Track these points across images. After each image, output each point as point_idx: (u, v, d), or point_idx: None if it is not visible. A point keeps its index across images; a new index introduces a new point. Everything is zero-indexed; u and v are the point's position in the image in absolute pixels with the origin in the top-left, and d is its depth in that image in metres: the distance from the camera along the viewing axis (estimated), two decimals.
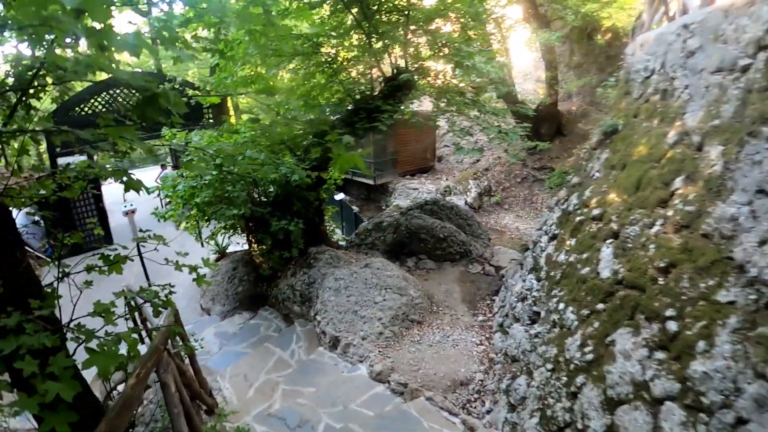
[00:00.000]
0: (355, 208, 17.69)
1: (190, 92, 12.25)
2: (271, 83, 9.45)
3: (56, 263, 3.69)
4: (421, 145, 22.36)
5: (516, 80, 21.43)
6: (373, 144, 20.84)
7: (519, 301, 6.90)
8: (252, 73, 9.37)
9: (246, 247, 11.45)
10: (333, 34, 9.33)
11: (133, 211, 15.25)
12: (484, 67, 10.21)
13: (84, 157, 16.14)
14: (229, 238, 11.55)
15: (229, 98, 15.88)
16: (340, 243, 12.29)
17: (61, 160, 15.62)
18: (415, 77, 9.43)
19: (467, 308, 8.40)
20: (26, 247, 12.08)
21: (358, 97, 9.73)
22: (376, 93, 9.53)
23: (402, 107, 9.52)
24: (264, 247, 9.86)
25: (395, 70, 9.43)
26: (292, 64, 9.32)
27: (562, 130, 21.34)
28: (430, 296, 8.48)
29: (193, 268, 3.76)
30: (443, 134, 24.67)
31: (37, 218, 16.45)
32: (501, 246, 12.48)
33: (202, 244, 11.25)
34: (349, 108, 9.52)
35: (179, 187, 8.85)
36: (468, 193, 19.51)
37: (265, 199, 9.89)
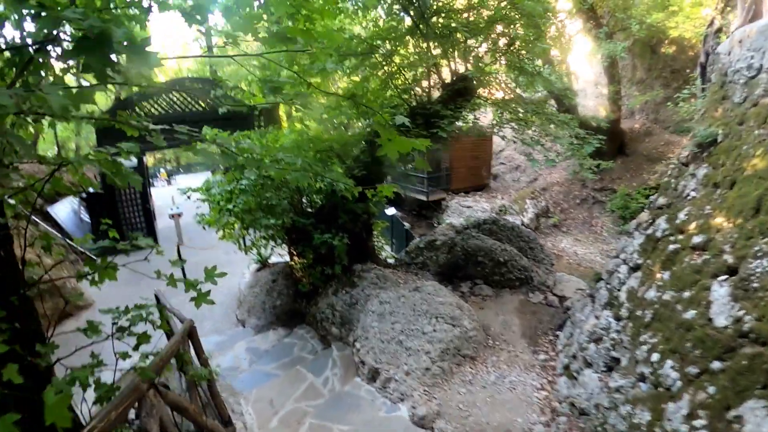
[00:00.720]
0: (407, 225, 16.78)
1: (238, 94, 11.70)
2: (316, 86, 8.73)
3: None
4: (476, 161, 21.33)
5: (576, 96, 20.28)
6: (427, 158, 19.97)
7: (591, 341, 5.79)
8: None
9: (288, 258, 10.74)
10: (388, 38, 8.53)
11: (179, 215, 15.02)
12: (548, 76, 9.19)
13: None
14: (272, 248, 10.85)
15: (281, 105, 15.29)
16: (389, 261, 11.38)
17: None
18: (475, 83, 8.49)
19: (527, 344, 7.30)
20: (69, 243, 11.61)
21: (414, 103, 8.87)
22: (433, 100, 8.64)
23: (463, 113, 8.56)
24: (305, 260, 9.08)
25: (454, 77, 8.54)
26: (346, 62, 8.51)
27: (624, 149, 19.98)
28: (486, 328, 7.43)
29: (191, 285, 2.90)
30: (499, 151, 23.57)
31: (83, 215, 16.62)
32: (563, 273, 11.30)
33: (246, 252, 10.56)
34: (404, 114, 8.67)
35: (213, 190, 8.15)
36: (524, 214, 18.38)
37: (311, 210, 9.14)
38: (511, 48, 8.33)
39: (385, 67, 8.88)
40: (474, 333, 6.72)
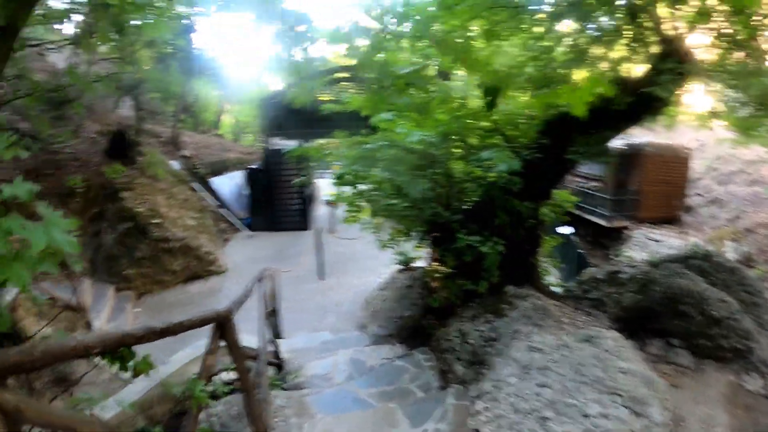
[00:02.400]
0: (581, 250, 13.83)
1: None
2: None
3: None
4: (668, 187, 17.20)
5: None
6: (612, 176, 16.65)
7: None
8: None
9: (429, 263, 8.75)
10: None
11: (334, 203, 14.16)
12: None
13: (293, 142, 15.59)
14: (415, 247, 8.84)
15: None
16: (552, 289, 8.72)
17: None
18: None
19: None
20: (227, 214, 11.46)
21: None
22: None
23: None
24: (443, 268, 6.98)
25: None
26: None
27: None
28: (677, 421, 4.62)
29: None
30: (696, 179, 18.94)
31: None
32: None
33: (382, 247, 8.71)
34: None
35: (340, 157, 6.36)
36: None
37: (468, 204, 6.97)
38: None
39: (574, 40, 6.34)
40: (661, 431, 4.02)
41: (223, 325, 3.24)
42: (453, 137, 5.85)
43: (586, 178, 18.32)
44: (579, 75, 5.96)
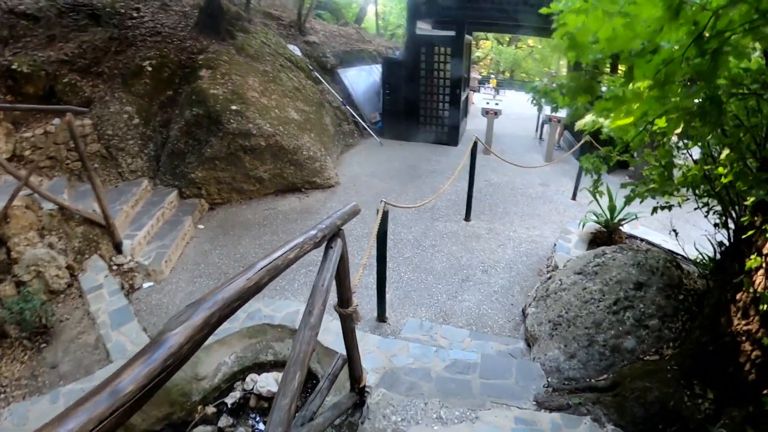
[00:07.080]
0: None
1: None
2: None
3: None
4: None
5: None
6: None
7: None
8: None
9: (697, 251, 4.21)
10: None
11: (494, 112, 11.02)
12: None
13: (448, 32, 11.15)
14: (669, 208, 3.96)
15: None
16: None
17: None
18: None
19: None
20: (354, 115, 11.02)
21: None
22: None
23: None
24: None
25: None
26: None
27: None
28: None
29: None
30: None
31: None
32: None
33: (595, 192, 4.34)
34: None
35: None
36: None
37: None
38: None
39: None
40: None
41: None
42: None
43: None
44: None
